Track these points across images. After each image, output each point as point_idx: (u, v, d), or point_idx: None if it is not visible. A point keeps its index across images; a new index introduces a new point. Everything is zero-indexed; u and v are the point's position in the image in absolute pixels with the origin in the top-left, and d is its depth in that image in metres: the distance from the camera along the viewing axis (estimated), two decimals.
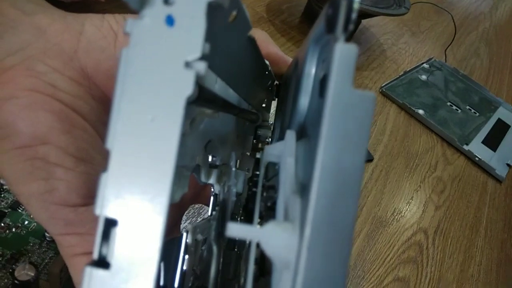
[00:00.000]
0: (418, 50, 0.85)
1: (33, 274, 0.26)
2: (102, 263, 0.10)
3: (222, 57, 0.14)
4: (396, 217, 0.50)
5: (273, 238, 0.10)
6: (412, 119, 0.66)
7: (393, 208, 0.51)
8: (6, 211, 0.30)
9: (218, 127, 0.18)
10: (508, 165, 0.64)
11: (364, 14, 0.69)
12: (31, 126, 0.15)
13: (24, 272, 0.26)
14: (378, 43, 0.81)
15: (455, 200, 0.56)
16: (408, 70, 0.74)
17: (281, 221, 0.10)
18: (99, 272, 0.10)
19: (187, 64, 0.10)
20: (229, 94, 0.17)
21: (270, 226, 0.10)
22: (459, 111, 0.70)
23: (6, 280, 0.26)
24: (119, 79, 0.10)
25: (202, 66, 0.10)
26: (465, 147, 0.63)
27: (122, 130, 0.10)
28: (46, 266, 0.28)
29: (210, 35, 0.10)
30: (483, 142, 0.66)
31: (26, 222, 0.29)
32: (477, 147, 0.64)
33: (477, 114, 0.72)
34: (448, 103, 0.71)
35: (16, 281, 0.26)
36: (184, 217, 0.38)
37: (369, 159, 0.55)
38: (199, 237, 0.18)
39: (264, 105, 0.26)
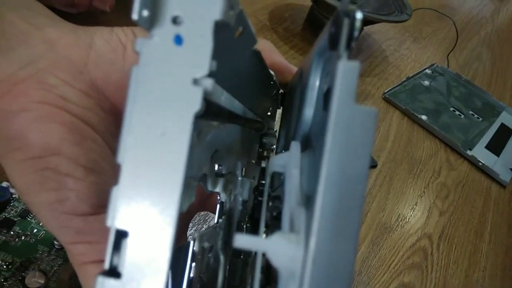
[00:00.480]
0: (420, 56, 0.85)
1: (43, 282, 0.26)
2: (113, 272, 0.11)
3: (228, 71, 0.14)
4: (401, 223, 0.50)
5: (279, 249, 0.10)
6: (415, 124, 0.66)
7: (397, 214, 0.51)
8: (16, 219, 0.30)
9: (224, 137, 0.19)
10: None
11: (366, 21, 0.70)
12: (43, 138, 0.15)
13: (34, 280, 0.26)
14: (380, 50, 0.81)
15: (459, 205, 0.56)
16: (410, 76, 0.75)
17: (287, 233, 0.11)
18: (111, 282, 0.10)
19: (195, 81, 0.10)
20: (235, 105, 0.18)
21: (276, 237, 0.10)
22: (462, 116, 0.71)
23: None
24: (129, 96, 0.11)
25: (209, 83, 0.10)
26: (468, 152, 0.63)
27: (132, 145, 0.11)
28: (55, 274, 0.28)
29: (217, 52, 0.11)
30: (486, 147, 0.66)
31: (35, 230, 0.30)
32: (480, 152, 0.64)
33: (480, 119, 0.72)
34: (451, 109, 0.71)
35: None
36: (190, 224, 0.38)
37: (373, 165, 0.55)
38: (206, 244, 0.18)
39: (269, 113, 0.27)
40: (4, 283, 0.27)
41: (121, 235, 0.11)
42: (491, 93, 0.81)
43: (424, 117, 0.66)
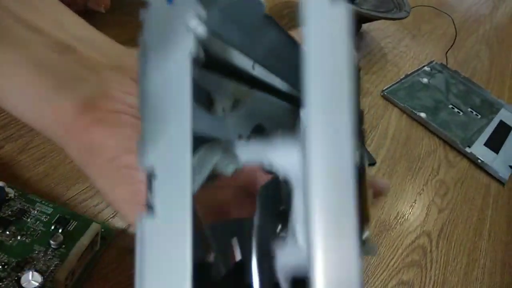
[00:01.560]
0: (419, 53, 0.85)
1: (38, 282, 0.26)
2: (150, 210, 0.12)
3: (248, 41, 0.16)
4: (400, 220, 0.50)
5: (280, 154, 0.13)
6: (414, 122, 0.66)
7: (396, 211, 0.51)
8: (11, 219, 0.30)
9: (267, 111, 0.20)
10: (511, 167, 0.64)
11: (364, 19, 0.70)
12: (117, 140, 0.18)
13: (30, 280, 0.26)
14: (379, 47, 0.81)
15: (458, 203, 0.56)
16: (409, 73, 0.74)
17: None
18: (148, 220, 0.12)
19: (188, 28, 0.12)
20: (276, 82, 0.19)
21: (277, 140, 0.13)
22: (461, 113, 0.70)
23: None
24: (141, 60, 0.12)
25: (200, 28, 0.12)
26: (467, 149, 0.63)
27: (148, 97, 0.12)
28: (51, 274, 0.28)
29: (210, 3, 0.12)
30: (485, 144, 0.65)
31: (31, 230, 0.30)
32: (479, 150, 0.64)
33: (479, 116, 0.72)
34: (450, 106, 0.71)
35: None
36: None
37: (372, 163, 0.55)
38: None
39: None
40: (0, 284, 0.26)
41: (151, 177, 0.12)
42: (490, 91, 0.81)
43: (422, 115, 0.66)
